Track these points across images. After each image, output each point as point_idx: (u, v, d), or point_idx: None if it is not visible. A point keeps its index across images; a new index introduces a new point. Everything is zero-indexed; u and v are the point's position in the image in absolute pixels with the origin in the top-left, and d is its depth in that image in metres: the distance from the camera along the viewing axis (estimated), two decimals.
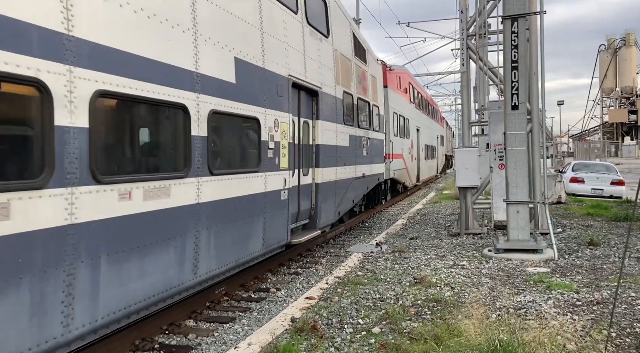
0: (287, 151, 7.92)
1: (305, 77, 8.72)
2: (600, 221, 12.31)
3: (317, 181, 9.43)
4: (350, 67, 11.73)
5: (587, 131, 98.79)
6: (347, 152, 11.18)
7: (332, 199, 10.25)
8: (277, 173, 7.55)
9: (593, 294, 6.06)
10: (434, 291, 6.41)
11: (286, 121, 7.94)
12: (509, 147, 8.77)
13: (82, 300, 4.02)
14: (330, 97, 10.17)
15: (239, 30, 6.60)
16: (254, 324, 6.07)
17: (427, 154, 27.63)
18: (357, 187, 12.14)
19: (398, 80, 19.77)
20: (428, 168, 28.45)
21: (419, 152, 24.46)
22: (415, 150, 23.02)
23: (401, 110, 19.73)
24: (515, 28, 8.67)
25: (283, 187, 7.77)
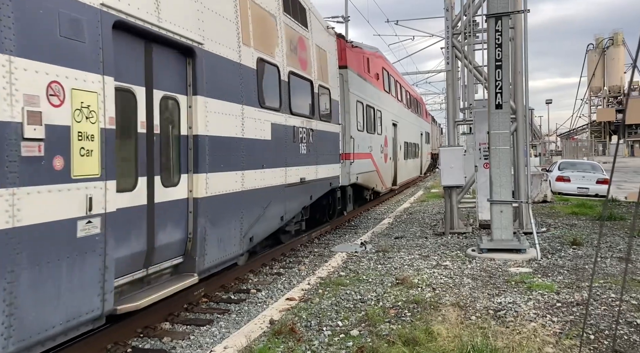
0: (100, 145, 4.61)
1: (158, 18, 5.39)
2: (585, 220, 12.34)
3: (198, 195, 6.16)
4: (274, 25, 8.43)
5: (575, 130, 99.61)
6: (267, 149, 8.02)
7: (235, 220, 7.04)
8: (56, 188, 4.16)
9: (573, 295, 6.03)
10: (415, 292, 6.34)
11: (93, 89, 4.54)
12: (493, 146, 8.73)
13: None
14: (230, 64, 6.88)
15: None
16: (231, 326, 5.97)
17: (408, 153, 23.80)
18: (289, 198, 8.94)
19: (365, 62, 15.67)
20: (409, 169, 24.85)
21: (397, 151, 20.78)
22: (391, 149, 19.25)
23: (370, 100, 15.74)
24: (499, 26, 8.62)
25: (85, 213, 4.43)
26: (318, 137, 10.26)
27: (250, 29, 7.51)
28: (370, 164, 15.55)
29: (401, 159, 21.98)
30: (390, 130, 19.14)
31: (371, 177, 15.80)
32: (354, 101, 13.74)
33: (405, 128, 23.28)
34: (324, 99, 10.79)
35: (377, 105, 16.86)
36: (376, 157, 16.36)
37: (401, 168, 21.84)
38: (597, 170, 20.56)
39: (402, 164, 22.15)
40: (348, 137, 13.00)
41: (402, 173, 22.16)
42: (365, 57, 15.76)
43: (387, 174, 18.47)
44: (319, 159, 10.38)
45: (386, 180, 18.33)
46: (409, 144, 24.25)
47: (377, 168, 16.43)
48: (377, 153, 16.48)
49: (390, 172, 19.41)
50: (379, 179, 16.97)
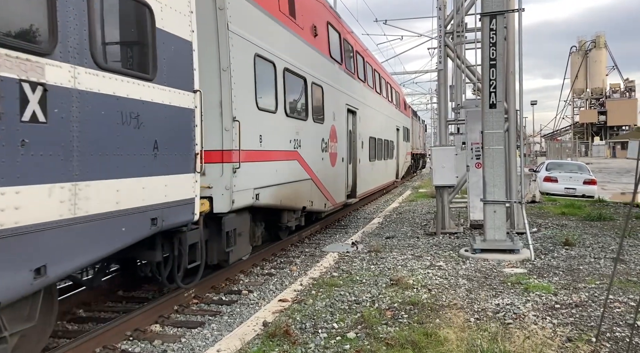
0: None
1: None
2: (575, 220, 12.37)
3: None
4: None
5: (559, 131, 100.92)
6: None
7: None
8: None
9: (571, 296, 5.97)
10: (411, 293, 6.24)
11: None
12: (487, 146, 8.67)
13: None
14: None
15: None
16: (224, 329, 5.81)
17: (376, 152, 18.11)
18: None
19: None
20: (378, 173, 18.80)
21: (357, 149, 14.84)
22: (345, 146, 13.44)
23: (296, 62, 9.78)
24: (493, 25, 8.56)
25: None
26: (104, 112, 4.60)
27: None
28: (294, 169, 9.63)
29: (364, 161, 15.98)
30: (342, 119, 13.13)
31: (298, 191, 9.80)
32: (244, 51, 7.61)
33: (372, 119, 17.47)
34: (127, 25, 5.21)
35: (314, 75, 10.73)
36: (310, 158, 10.46)
37: (364, 173, 15.92)
38: (583, 170, 20.72)
39: (365, 167, 16.15)
40: (227, 120, 7.00)
41: (365, 180, 16.19)
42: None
43: (336, 183, 12.54)
44: (103, 164, 4.58)
45: (335, 191, 12.36)
46: (378, 141, 18.47)
47: (312, 175, 10.59)
48: (312, 151, 10.58)
49: (344, 180, 13.40)
50: (317, 192, 11.01)
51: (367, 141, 16.51)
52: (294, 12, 9.89)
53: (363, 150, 15.80)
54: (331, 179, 12.05)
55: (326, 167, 11.73)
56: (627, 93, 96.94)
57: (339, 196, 12.88)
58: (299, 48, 10.22)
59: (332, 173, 12.15)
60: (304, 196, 10.20)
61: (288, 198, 9.35)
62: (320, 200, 11.27)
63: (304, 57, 10.38)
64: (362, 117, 15.55)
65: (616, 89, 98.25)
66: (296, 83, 9.92)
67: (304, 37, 10.45)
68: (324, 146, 11.58)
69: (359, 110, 15.10)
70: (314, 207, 10.92)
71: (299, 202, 9.98)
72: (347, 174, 13.94)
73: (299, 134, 9.86)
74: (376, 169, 18.48)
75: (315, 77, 10.92)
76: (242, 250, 7.73)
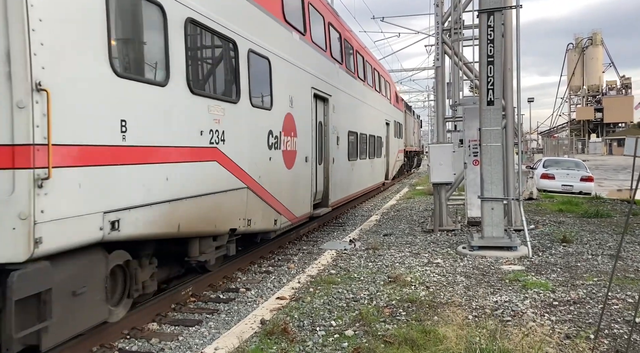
0: None
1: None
2: (572, 217, 12.38)
3: None
4: None
5: (556, 128, 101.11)
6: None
7: None
8: None
9: (569, 293, 5.97)
10: (409, 290, 6.23)
11: None
12: (484, 143, 8.65)
13: None
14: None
15: None
16: (221, 327, 5.79)
17: (358, 150, 15.20)
18: None
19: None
20: (360, 175, 15.75)
21: (329, 147, 11.83)
22: (311, 142, 10.54)
23: (207, 6, 6.42)
24: (491, 22, 8.54)
25: None
26: None
27: None
28: (211, 175, 6.54)
29: (341, 160, 13.13)
30: (305, 107, 10.11)
31: (220, 206, 6.78)
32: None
33: (353, 110, 14.52)
34: None
35: (254, 41, 7.80)
36: (245, 158, 7.42)
37: (341, 175, 13.11)
38: (580, 167, 20.75)
39: (343, 168, 13.27)
40: (20, 88, 3.90)
41: (343, 183, 13.31)
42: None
43: (294, 191, 9.58)
44: None
45: (293, 202, 9.46)
46: (362, 137, 15.72)
47: (249, 181, 7.57)
48: (248, 148, 7.54)
49: (309, 185, 10.39)
50: (260, 206, 7.99)
51: (345, 136, 13.45)
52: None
53: (339, 147, 12.80)
54: (286, 186, 8.96)
55: (277, 169, 8.52)
56: (623, 90, 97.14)
57: (301, 207, 9.83)
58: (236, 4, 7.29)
59: (287, 177, 9.03)
60: (232, 213, 7.01)
61: (197, 220, 6.13)
62: (267, 215, 8.08)
63: (232, 9, 7.16)
64: (338, 106, 12.54)
65: (613, 86, 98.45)
66: (216, 45, 6.89)
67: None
68: (273, 142, 8.32)
69: (332, 97, 11.91)
70: (256, 227, 7.66)
71: (223, 223, 6.80)
72: (315, 177, 10.78)
73: (221, 122, 6.62)
74: (358, 169, 15.34)
75: (256, 43, 7.79)
76: (83, 320, 4.57)
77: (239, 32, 7.24)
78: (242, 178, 7.26)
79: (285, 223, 9.12)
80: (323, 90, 11.33)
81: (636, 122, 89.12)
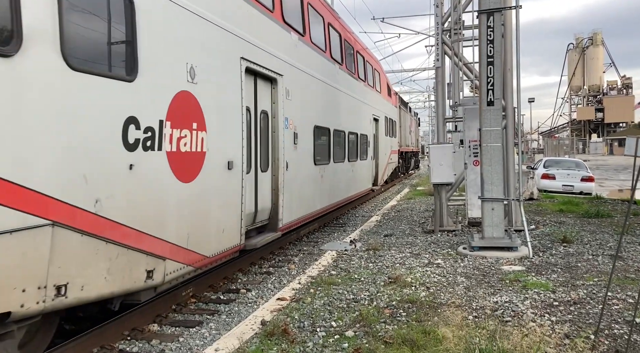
0: None
1: None
2: (572, 218, 12.37)
3: None
4: None
5: (556, 128, 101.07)
6: None
7: None
8: None
9: (570, 294, 5.97)
10: (409, 291, 6.23)
11: None
12: (484, 143, 8.66)
13: None
14: None
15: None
16: (222, 328, 5.80)
17: (332, 152, 12.26)
18: None
19: None
20: (336, 183, 12.76)
21: (277, 148, 8.79)
22: (240, 139, 7.23)
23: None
24: (491, 22, 8.54)
25: None
26: None
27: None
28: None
29: (302, 167, 10.03)
30: (226, 84, 6.92)
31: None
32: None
33: (321, 98, 11.43)
34: None
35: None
36: (38, 168, 3.94)
37: (300, 185, 9.91)
38: (581, 168, 20.75)
39: (304, 175, 10.15)
40: None
41: (303, 197, 10.11)
42: None
43: (194, 217, 6.12)
44: None
45: (196, 235, 6.12)
46: (337, 135, 12.75)
47: (61, 212, 4.14)
48: (53, 147, 4.09)
49: (232, 205, 7.10)
50: (89, 256, 4.44)
51: (309, 133, 10.36)
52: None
53: (299, 147, 9.67)
54: (180, 210, 5.77)
55: (151, 184, 5.30)
56: (624, 90, 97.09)
57: (218, 239, 6.60)
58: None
59: (181, 195, 5.78)
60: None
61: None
62: (123, 267, 4.87)
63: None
64: (296, 91, 9.52)
65: (613, 86, 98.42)
66: None
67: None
68: (140, 138, 5.11)
69: (286, 78, 8.94)
70: (86, 294, 4.42)
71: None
72: (248, 191, 7.56)
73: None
74: (332, 176, 12.24)
75: None
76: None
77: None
78: (33, 208, 3.89)
79: (179, 272, 5.69)
80: (266, 65, 8.10)
81: (637, 121, 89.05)
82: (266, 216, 8.62)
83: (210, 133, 6.35)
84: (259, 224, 8.40)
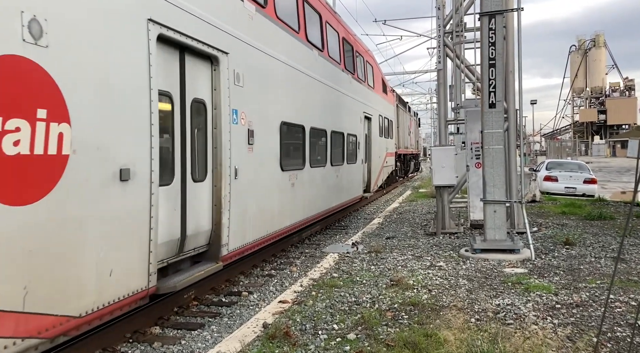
0: None
1: None
2: (575, 220, 12.35)
3: None
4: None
5: (559, 130, 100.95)
6: None
7: None
8: None
9: (572, 296, 5.96)
10: (411, 294, 6.22)
11: None
12: (486, 145, 8.65)
13: None
14: None
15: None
16: (224, 331, 5.80)
17: (305, 155, 10.17)
18: None
19: None
20: (311, 194, 10.60)
21: (220, 148, 6.60)
22: (146, 137, 5.11)
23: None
24: (492, 25, 8.55)
25: None
26: None
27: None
28: None
29: (263, 172, 8.11)
30: (113, 51, 4.70)
31: None
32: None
33: (290, 87, 9.36)
34: None
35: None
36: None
37: (259, 198, 7.89)
38: (584, 170, 20.71)
39: (265, 186, 8.19)
40: None
41: (264, 213, 8.14)
42: None
43: (43, 260, 3.90)
44: None
45: (45, 285, 3.90)
46: (313, 134, 10.58)
47: None
48: None
49: (131, 232, 4.93)
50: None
51: (271, 132, 8.30)
52: None
53: (255, 150, 7.61)
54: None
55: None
56: (626, 92, 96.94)
57: (100, 288, 4.53)
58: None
59: (3, 230, 3.61)
60: None
61: None
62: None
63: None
64: (250, 76, 7.43)
65: (616, 88, 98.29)
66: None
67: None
68: None
69: (232, 56, 6.90)
70: None
71: None
72: (164, 212, 5.56)
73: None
74: (306, 184, 10.08)
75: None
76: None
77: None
78: None
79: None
80: (201, 37, 6.13)
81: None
82: (204, 241, 6.46)
83: (80, 126, 4.26)
84: (192, 253, 6.22)
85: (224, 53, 6.70)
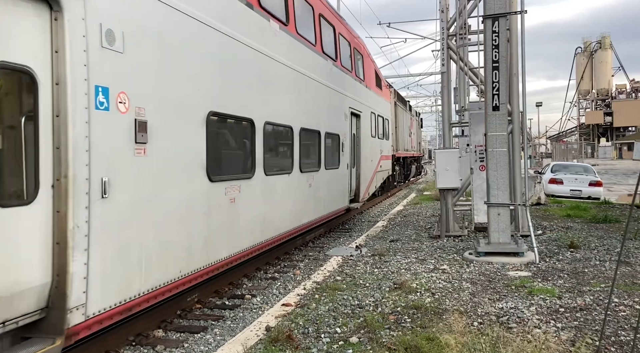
0: None
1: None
2: (580, 223, 12.29)
3: None
4: None
5: (565, 132, 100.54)
6: None
7: None
8: None
9: (576, 300, 5.93)
10: (414, 297, 6.21)
11: None
12: (490, 148, 8.63)
13: None
14: None
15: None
16: (226, 334, 5.82)
17: (253, 158, 7.47)
18: None
19: None
20: (260, 213, 7.75)
21: (65, 153, 4.05)
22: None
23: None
24: (496, 27, 8.54)
25: None
26: None
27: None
28: None
29: (182, 184, 5.63)
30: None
31: None
32: None
33: (235, 67, 6.88)
34: None
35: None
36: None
37: (147, 226, 5.05)
38: (589, 172, 20.61)
39: (180, 204, 5.60)
40: None
41: (171, 246, 5.44)
42: None
43: None
44: None
45: None
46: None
47: None
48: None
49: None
50: None
51: (190, 125, 5.86)
52: None
53: (153, 152, 5.14)
54: None
55: None
56: (633, 94, 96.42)
57: None
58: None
59: None
60: None
61: None
62: None
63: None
64: (140, 37, 4.95)
65: (622, 90, 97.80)
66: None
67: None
68: None
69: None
70: None
71: None
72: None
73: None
74: (258, 199, 7.72)
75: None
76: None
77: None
78: None
79: None
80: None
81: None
82: (34, 304, 3.99)
83: None
84: (12, 326, 3.80)
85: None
